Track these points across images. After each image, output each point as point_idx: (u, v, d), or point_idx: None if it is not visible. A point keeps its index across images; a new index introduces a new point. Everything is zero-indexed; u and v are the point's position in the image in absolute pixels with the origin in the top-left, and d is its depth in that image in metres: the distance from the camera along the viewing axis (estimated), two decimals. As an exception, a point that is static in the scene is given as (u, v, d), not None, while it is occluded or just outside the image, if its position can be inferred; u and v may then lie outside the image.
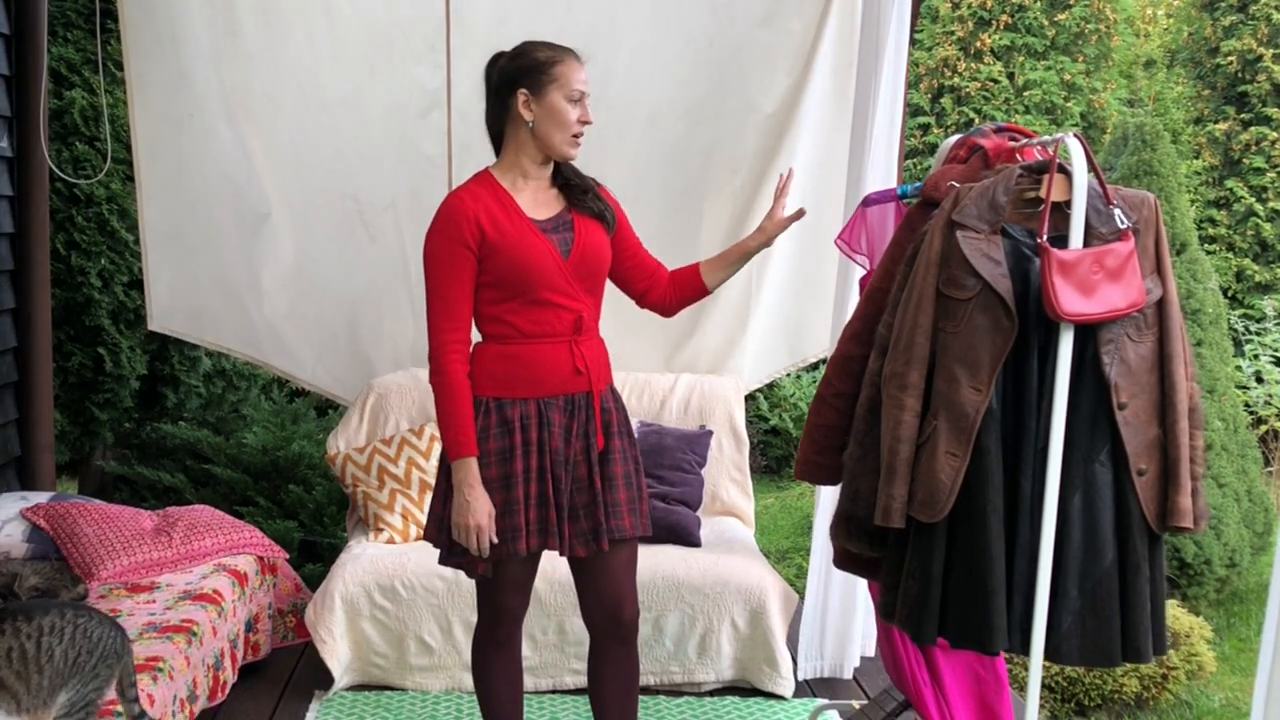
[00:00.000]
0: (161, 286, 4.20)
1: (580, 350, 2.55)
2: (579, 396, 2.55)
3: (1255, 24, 8.50)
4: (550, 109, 2.49)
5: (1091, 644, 2.12)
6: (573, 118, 2.50)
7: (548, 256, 2.50)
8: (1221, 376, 4.96)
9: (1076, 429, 2.13)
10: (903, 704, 2.74)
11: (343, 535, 4.51)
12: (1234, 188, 8.53)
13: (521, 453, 2.51)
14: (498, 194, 2.53)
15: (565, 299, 2.53)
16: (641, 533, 2.62)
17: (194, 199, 4.10)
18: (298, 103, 4.06)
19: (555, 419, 2.53)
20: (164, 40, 3.91)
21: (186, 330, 4.30)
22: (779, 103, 4.09)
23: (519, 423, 2.51)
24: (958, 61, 8.80)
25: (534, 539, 2.53)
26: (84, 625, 2.34)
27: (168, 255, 4.16)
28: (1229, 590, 4.89)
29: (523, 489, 2.50)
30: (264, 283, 4.19)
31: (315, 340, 4.32)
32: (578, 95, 2.50)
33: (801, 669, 3.65)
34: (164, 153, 4.05)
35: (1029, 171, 2.22)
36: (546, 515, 2.52)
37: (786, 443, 7.24)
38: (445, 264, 2.48)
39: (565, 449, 2.54)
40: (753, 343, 4.39)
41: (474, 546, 2.46)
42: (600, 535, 2.54)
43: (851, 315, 2.52)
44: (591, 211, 2.59)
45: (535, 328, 2.51)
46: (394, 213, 4.19)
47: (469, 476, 2.45)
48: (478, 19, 3.95)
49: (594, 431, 2.56)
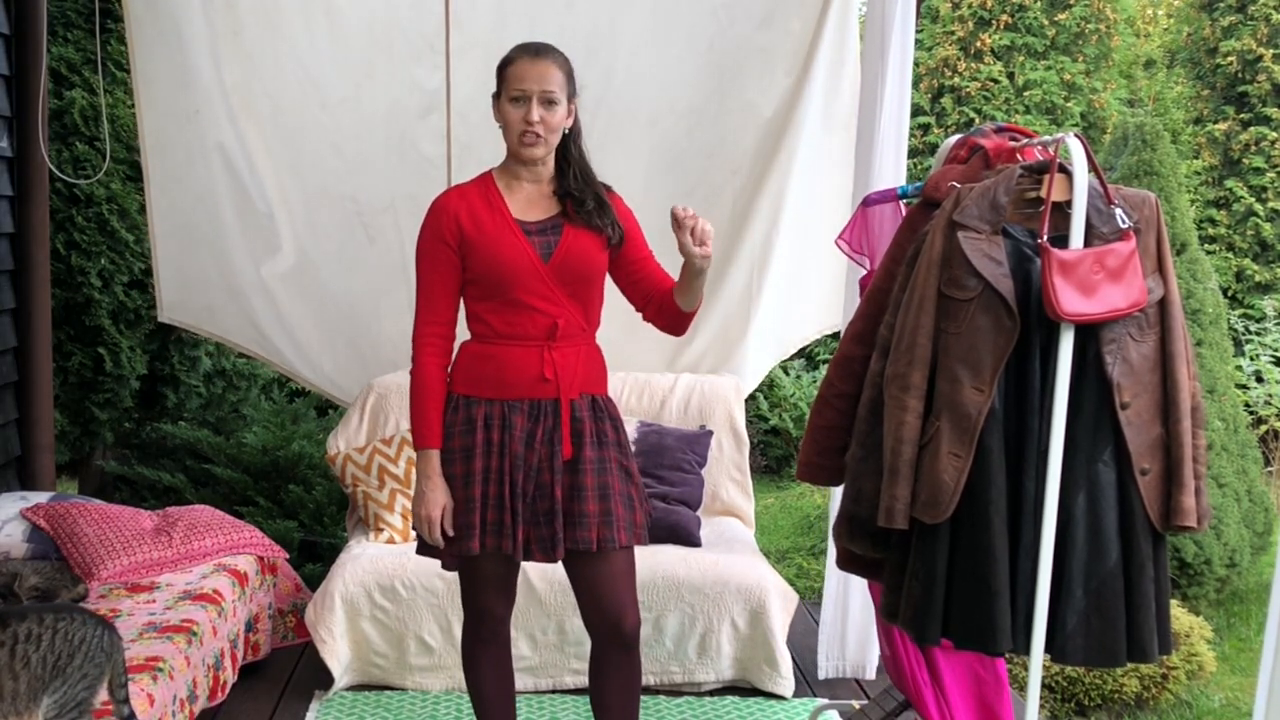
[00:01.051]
0: (170, 278, 4.22)
1: (551, 357, 2.52)
2: (545, 402, 2.53)
3: (1255, 24, 8.50)
4: (502, 111, 2.53)
5: (1097, 644, 2.12)
6: (518, 118, 2.49)
7: (524, 258, 2.50)
8: (1221, 376, 4.96)
9: (1079, 429, 2.13)
10: (903, 704, 2.74)
11: (343, 535, 4.51)
12: (1234, 188, 8.53)
13: (482, 452, 2.52)
14: (489, 194, 2.56)
15: (542, 302, 2.52)
16: (635, 543, 2.59)
17: (200, 194, 4.12)
18: (298, 102, 4.06)
19: (517, 422, 2.52)
20: (168, 37, 3.92)
21: (195, 323, 4.32)
22: (778, 103, 4.09)
23: (482, 422, 2.53)
24: (958, 61, 8.79)
25: (489, 539, 2.53)
26: (64, 629, 2.33)
27: (176, 248, 4.19)
28: (1229, 590, 4.89)
29: (480, 488, 2.52)
30: (266, 280, 4.20)
31: (316, 340, 4.33)
32: (518, 94, 2.48)
33: (822, 668, 3.63)
34: (171, 148, 4.06)
35: (1030, 171, 2.22)
36: (501, 518, 2.53)
37: (786, 443, 7.24)
38: (428, 259, 2.56)
39: (526, 453, 2.52)
40: (754, 344, 4.39)
41: (428, 537, 2.54)
42: (556, 544, 2.52)
43: (853, 316, 2.51)
44: (585, 223, 2.55)
45: (509, 329, 2.52)
46: (393, 214, 4.18)
47: (427, 467, 2.52)
48: (477, 20, 3.95)
49: (559, 439, 2.53)
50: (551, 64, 2.50)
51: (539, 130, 2.48)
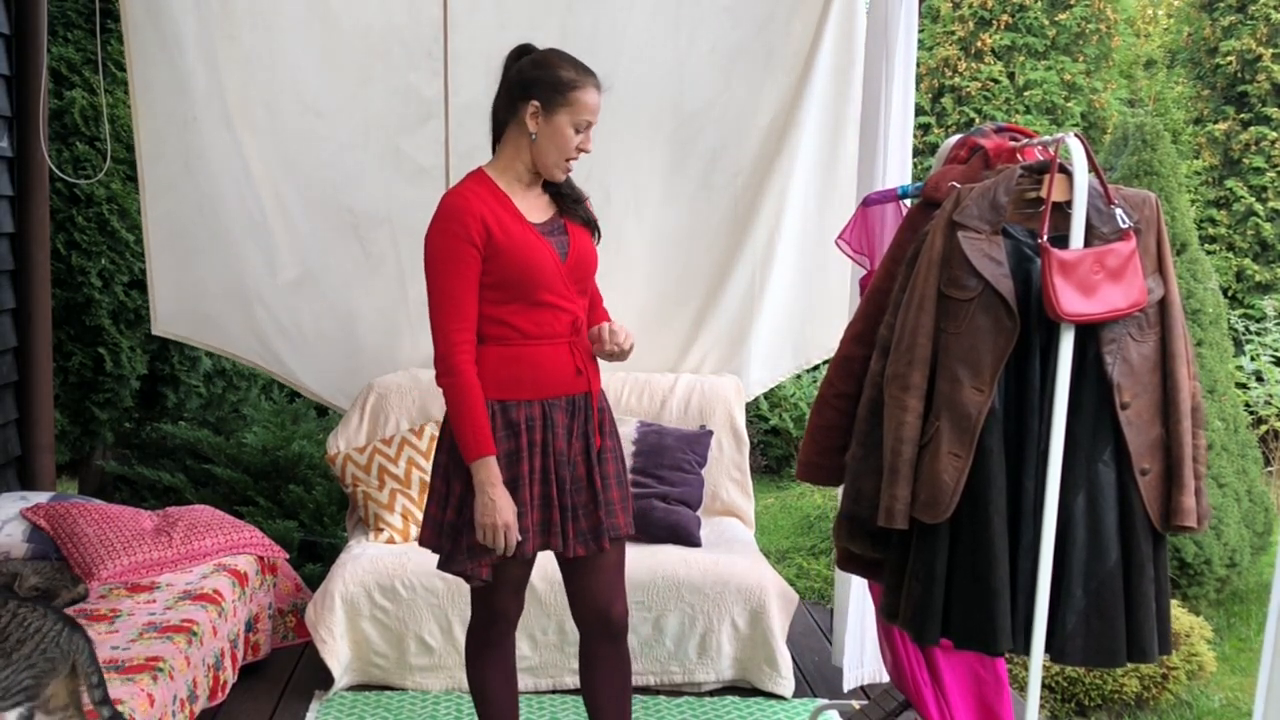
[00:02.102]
0: (165, 289, 4.15)
1: (579, 350, 2.57)
2: (579, 397, 2.57)
3: (1255, 24, 8.50)
4: (555, 130, 2.47)
5: (1096, 644, 2.12)
6: (573, 144, 2.49)
7: (549, 258, 2.51)
8: (1222, 376, 4.95)
9: (1079, 429, 2.13)
10: (903, 704, 2.74)
11: (343, 535, 4.51)
12: (1234, 188, 8.53)
13: (527, 454, 2.51)
14: (497, 195, 2.52)
15: (563, 300, 2.54)
16: (631, 531, 2.65)
17: (198, 202, 4.07)
18: (294, 110, 4.00)
19: (559, 420, 2.53)
20: (167, 43, 3.87)
21: (190, 334, 4.26)
22: (780, 105, 4.07)
23: (524, 425, 2.51)
24: (958, 61, 8.80)
25: (538, 539, 2.54)
26: (23, 615, 2.34)
27: (172, 258, 4.12)
28: (1229, 590, 4.89)
29: (528, 491, 2.50)
30: (264, 289, 4.15)
31: (314, 350, 4.27)
32: (585, 124, 2.49)
33: (847, 680, 3.54)
34: (168, 155, 4.01)
35: (1030, 171, 2.22)
36: (550, 516, 2.53)
37: (786, 443, 7.23)
38: (451, 263, 2.43)
39: (568, 449, 2.55)
40: (757, 346, 4.36)
41: (500, 545, 2.44)
42: (600, 534, 2.55)
43: (853, 316, 2.52)
44: (581, 220, 2.61)
45: (537, 329, 2.51)
46: (389, 225, 4.13)
47: (490, 476, 2.43)
48: (476, 24, 3.89)
49: (592, 431, 2.58)
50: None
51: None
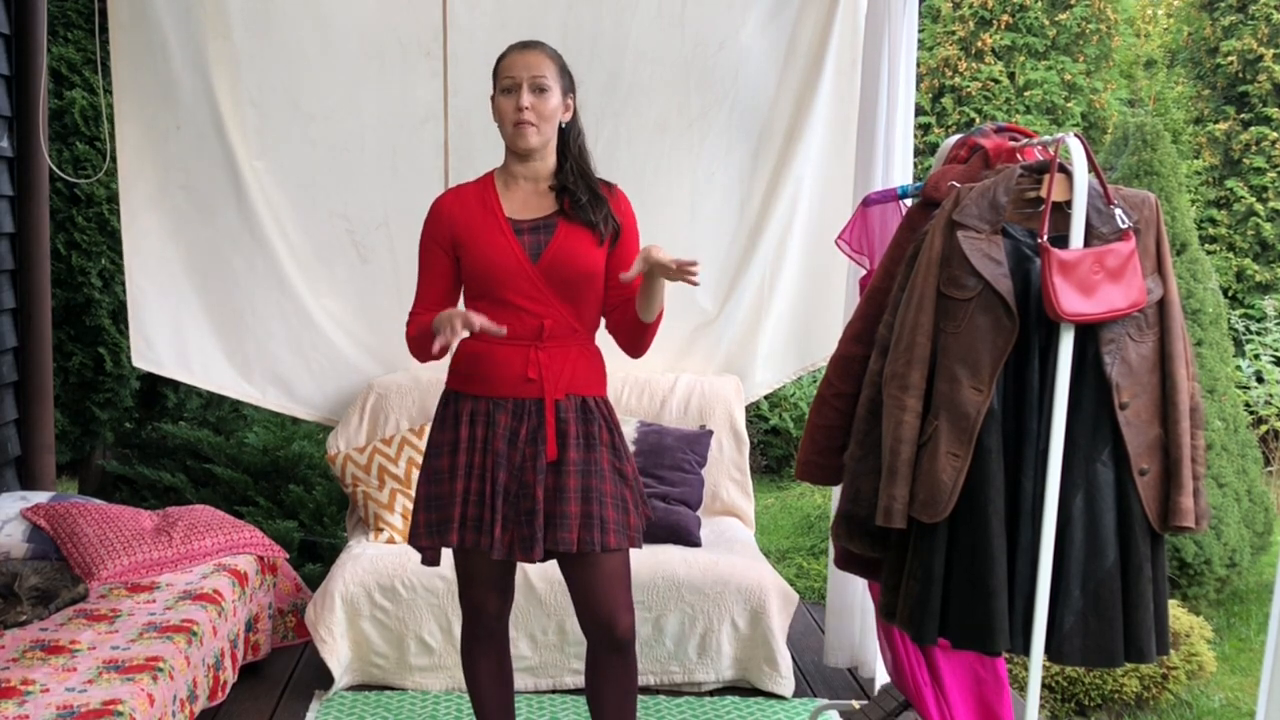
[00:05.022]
0: (146, 316, 3.95)
1: (537, 357, 2.51)
2: (529, 402, 2.52)
3: (1255, 24, 8.50)
4: (496, 106, 2.55)
5: (1094, 644, 2.12)
6: (508, 108, 2.51)
7: (511, 258, 2.50)
8: (1221, 376, 4.95)
9: (1078, 429, 2.13)
10: (903, 704, 2.74)
11: (343, 535, 4.51)
12: (1234, 188, 8.53)
13: (466, 447, 2.54)
14: (485, 193, 2.57)
15: (529, 303, 2.51)
16: (628, 546, 2.56)
17: (179, 218, 3.92)
18: (286, 115, 3.93)
19: (501, 420, 2.53)
20: (154, 48, 3.78)
21: (174, 370, 4.04)
22: (786, 104, 4.06)
23: (468, 418, 2.55)
24: (958, 61, 8.80)
25: (469, 535, 2.54)
26: None
27: (151, 281, 3.94)
28: (1229, 590, 4.89)
29: (463, 483, 2.54)
30: (256, 306, 4.02)
31: (309, 368, 4.16)
32: (508, 83, 2.50)
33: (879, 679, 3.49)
34: (149, 167, 3.88)
35: (1030, 171, 2.22)
36: (481, 514, 2.53)
37: (786, 443, 7.23)
38: (422, 258, 2.63)
39: (509, 451, 2.52)
40: (764, 348, 4.31)
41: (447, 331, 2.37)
42: (535, 544, 2.49)
43: (852, 315, 2.51)
44: (581, 220, 2.54)
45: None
46: (386, 231, 4.06)
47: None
48: (476, 24, 3.86)
49: (544, 440, 2.51)
50: (540, 53, 2.53)
51: (530, 118, 2.48)
